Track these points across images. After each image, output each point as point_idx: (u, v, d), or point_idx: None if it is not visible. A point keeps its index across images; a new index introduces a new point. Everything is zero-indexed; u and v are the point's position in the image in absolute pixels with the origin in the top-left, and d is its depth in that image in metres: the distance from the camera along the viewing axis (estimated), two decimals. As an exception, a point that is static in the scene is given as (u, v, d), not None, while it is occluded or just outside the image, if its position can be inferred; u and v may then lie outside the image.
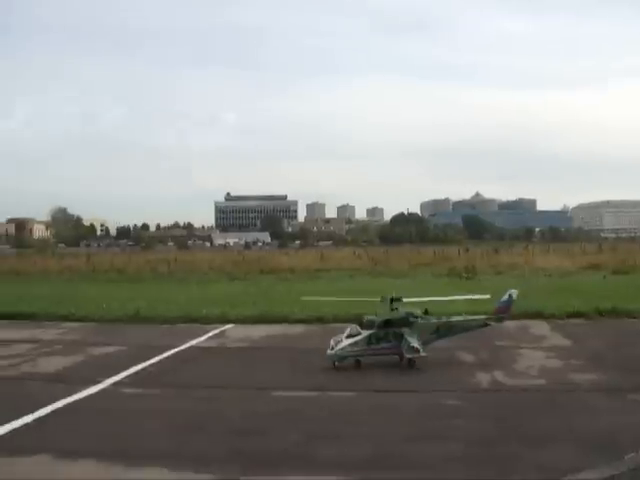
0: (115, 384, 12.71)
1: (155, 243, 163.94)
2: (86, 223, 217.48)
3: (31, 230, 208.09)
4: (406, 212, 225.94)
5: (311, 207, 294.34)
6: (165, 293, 30.01)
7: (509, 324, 19.25)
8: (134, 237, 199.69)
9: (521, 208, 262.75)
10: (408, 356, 13.41)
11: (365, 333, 13.53)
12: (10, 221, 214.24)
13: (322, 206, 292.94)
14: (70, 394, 11.69)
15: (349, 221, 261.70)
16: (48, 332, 19.77)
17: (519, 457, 8.18)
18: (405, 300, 14.29)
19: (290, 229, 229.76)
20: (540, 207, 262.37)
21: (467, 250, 64.19)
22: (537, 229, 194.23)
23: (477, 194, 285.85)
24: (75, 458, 8.43)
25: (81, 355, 15.71)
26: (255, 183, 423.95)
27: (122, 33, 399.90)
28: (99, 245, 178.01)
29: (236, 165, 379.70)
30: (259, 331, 18.76)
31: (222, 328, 19.57)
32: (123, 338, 18.48)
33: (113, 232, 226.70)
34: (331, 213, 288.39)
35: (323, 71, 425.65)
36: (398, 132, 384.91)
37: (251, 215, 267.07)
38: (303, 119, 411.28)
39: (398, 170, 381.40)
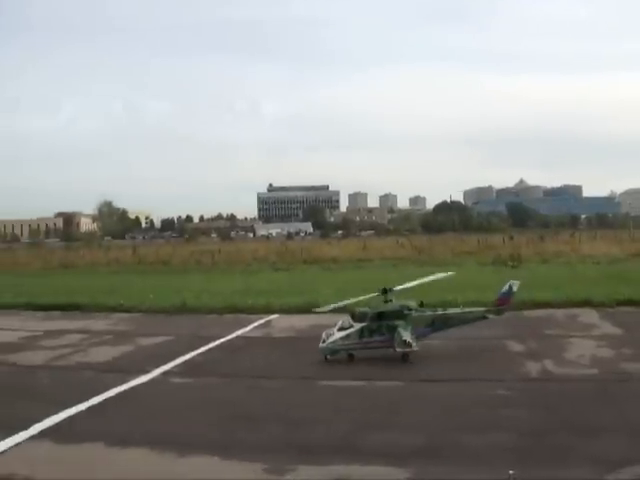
0: (164, 373, 12.90)
1: (198, 235, 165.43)
2: (131, 216, 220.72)
3: (78, 224, 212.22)
4: (449, 200, 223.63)
5: (353, 197, 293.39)
6: (210, 284, 30.28)
7: (557, 312, 19.08)
8: (178, 229, 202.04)
9: (566, 195, 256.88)
10: (399, 350, 13.00)
11: (357, 326, 13.29)
12: (58, 215, 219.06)
13: (364, 196, 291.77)
14: (121, 383, 11.92)
15: (391, 210, 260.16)
16: (98, 323, 20.17)
17: (571, 448, 8.02)
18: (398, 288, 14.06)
19: (332, 219, 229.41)
20: (586, 193, 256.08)
21: (512, 238, 63.15)
22: (583, 216, 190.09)
23: (521, 181, 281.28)
24: (128, 446, 8.59)
25: (130, 345, 15.96)
26: (297, 174, 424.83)
27: (163, 27, 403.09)
28: (144, 237, 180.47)
29: (278, 156, 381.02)
30: (304, 321, 18.76)
31: (267, 318, 19.68)
32: (171, 328, 18.73)
33: (158, 224, 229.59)
34: (373, 202, 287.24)
35: (365, 60, 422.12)
36: (440, 120, 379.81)
37: (293, 206, 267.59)
38: (346, 109, 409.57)
39: (440, 158, 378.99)
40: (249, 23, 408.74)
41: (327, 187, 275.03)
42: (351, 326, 13.33)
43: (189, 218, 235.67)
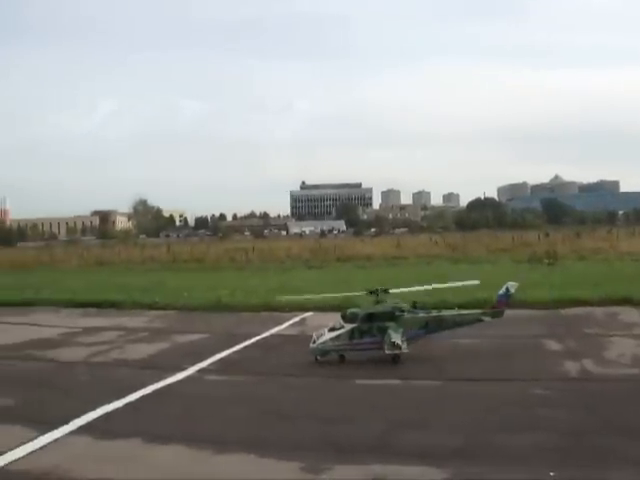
0: (200, 371, 12.96)
1: (232, 233, 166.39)
2: (166, 214, 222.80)
3: (114, 222, 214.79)
4: (482, 197, 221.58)
5: (386, 194, 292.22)
6: (244, 281, 30.40)
7: (596, 310, 18.74)
8: (212, 227, 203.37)
9: (603, 190, 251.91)
10: (388, 352, 12.61)
11: (348, 327, 13.04)
12: (94, 213, 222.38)
13: (397, 193, 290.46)
14: (157, 380, 12.02)
15: (424, 207, 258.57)
16: (134, 320, 20.40)
17: (612, 449, 7.84)
18: (392, 291, 13.72)
19: (365, 217, 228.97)
20: (623, 188, 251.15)
21: (547, 235, 62.42)
22: (621, 212, 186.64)
23: (556, 177, 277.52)
24: (165, 442, 8.65)
25: (166, 342, 16.09)
26: (330, 171, 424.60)
27: (197, 27, 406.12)
28: (178, 235, 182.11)
29: (311, 154, 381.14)
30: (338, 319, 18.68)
31: (302, 316, 19.67)
32: (206, 326, 18.85)
33: (192, 222, 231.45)
34: (406, 200, 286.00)
35: (396, 57, 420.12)
36: (473, 116, 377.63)
37: (326, 203, 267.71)
38: (379, 106, 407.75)
39: (474, 155, 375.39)
40: (280, 22, 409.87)
41: (360, 184, 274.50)
42: (342, 327, 13.13)
43: (222, 216, 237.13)
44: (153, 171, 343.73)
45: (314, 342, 13.10)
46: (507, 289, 13.32)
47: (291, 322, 18.73)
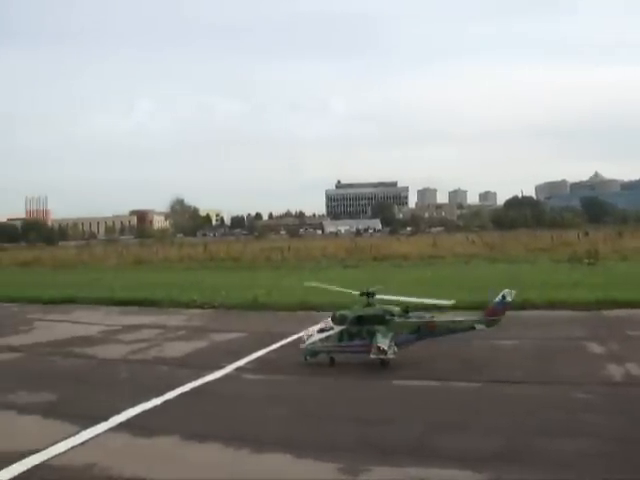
0: (238, 369, 13.00)
1: (268, 232, 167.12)
2: (202, 213, 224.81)
3: (151, 221, 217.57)
4: (520, 195, 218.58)
5: (422, 193, 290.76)
6: (280, 280, 30.45)
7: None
8: (248, 226, 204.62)
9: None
10: (372, 356, 12.26)
11: (337, 328, 12.85)
12: (132, 213, 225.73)
13: (433, 192, 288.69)
14: (195, 378, 12.08)
15: (461, 206, 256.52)
16: (172, 318, 20.57)
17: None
18: (378, 297, 13.36)
19: (401, 215, 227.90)
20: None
21: (587, 234, 61.22)
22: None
23: (596, 174, 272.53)
24: (202, 440, 8.68)
25: (204, 341, 16.17)
26: (365, 170, 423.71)
27: (230, 28, 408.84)
28: (214, 234, 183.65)
29: (347, 153, 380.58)
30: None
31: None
32: (243, 325, 18.92)
33: (228, 222, 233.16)
34: (442, 198, 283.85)
35: (432, 55, 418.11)
36: (511, 113, 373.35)
37: (362, 202, 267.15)
38: (413, 104, 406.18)
39: (511, 152, 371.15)
40: (316, 21, 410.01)
41: (396, 183, 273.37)
42: (331, 328, 12.97)
43: (258, 215, 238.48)
44: (190, 171, 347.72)
45: (303, 342, 13.03)
46: (503, 297, 12.73)
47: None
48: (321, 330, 13.13)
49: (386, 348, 12.19)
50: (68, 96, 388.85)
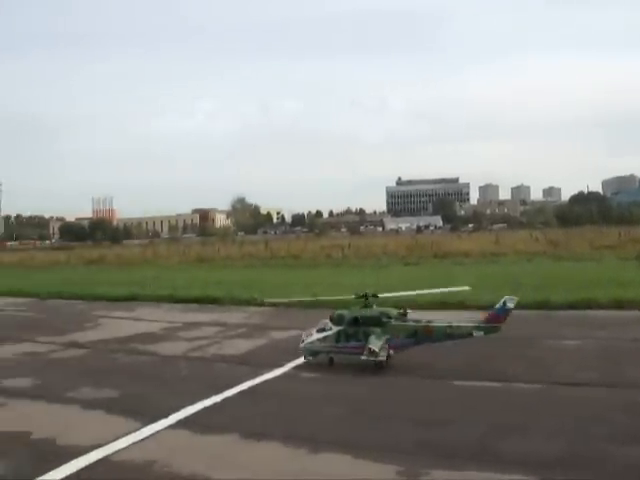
0: (296, 368, 12.98)
1: (328, 229, 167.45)
2: (263, 211, 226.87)
3: (213, 220, 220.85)
4: (586, 191, 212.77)
5: (483, 189, 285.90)
6: (340, 278, 30.38)
7: None
8: (308, 224, 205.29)
9: None
10: (363, 358, 12.07)
11: (335, 329, 12.77)
12: (195, 212, 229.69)
13: (495, 188, 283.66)
14: (254, 376, 12.13)
15: (524, 202, 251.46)
16: (233, 316, 20.74)
17: None
18: (381, 295, 13.32)
19: (462, 212, 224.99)
20: None
21: (657, 231, 59.08)
22: None
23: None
24: (260, 439, 8.68)
25: (264, 338, 16.24)
26: (426, 167, 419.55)
27: (291, 26, 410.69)
28: (275, 232, 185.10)
29: (407, 149, 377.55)
30: (437, 317, 18.27)
31: (400, 313, 19.29)
32: (303, 322, 18.84)
33: (289, 219, 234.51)
34: (505, 195, 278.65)
35: (492, 49, 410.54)
36: (574, 107, 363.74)
37: (422, 199, 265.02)
38: (473, 100, 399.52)
39: (576, 146, 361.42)
40: (374, 18, 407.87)
41: (457, 180, 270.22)
42: (330, 329, 12.90)
43: (319, 213, 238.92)
44: (251, 169, 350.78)
45: (302, 342, 13.04)
46: (504, 303, 12.21)
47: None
48: (320, 330, 13.12)
49: (377, 350, 12.07)
50: (132, 98, 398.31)
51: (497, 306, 12.40)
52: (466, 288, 14.78)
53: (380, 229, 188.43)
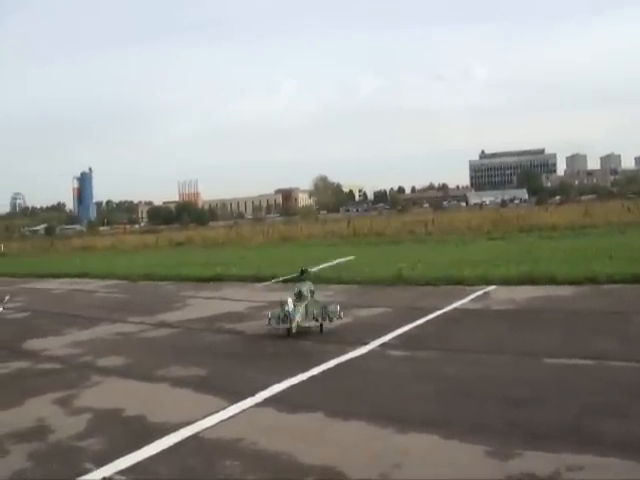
0: (382, 345, 12.83)
1: (410, 205, 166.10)
2: (345, 189, 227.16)
3: (296, 199, 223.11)
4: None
5: (571, 159, 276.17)
6: (424, 254, 30.07)
7: None
8: (390, 200, 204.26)
9: None
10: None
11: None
12: (277, 192, 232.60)
13: (583, 157, 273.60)
14: (340, 354, 12.07)
15: (614, 172, 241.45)
16: (317, 294, 20.70)
17: None
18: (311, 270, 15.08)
19: (549, 184, 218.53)
20: None
21: None
22: None
23: None
24: (346, 418, 8.61)
25: (348, 316, 16.15)
26: (510, 138, 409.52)
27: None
28: (357, 210, 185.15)
29: (490, 121, 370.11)
30: (525, 293, 17.81)
31: (485, 289, 18.94)
32: (387, 300, 18.77)
33: (370, 196, 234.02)
34: (593, 164, 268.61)
35: (576, 14, 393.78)
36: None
37: (507, 172, 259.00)
38: (558, 67, 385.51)
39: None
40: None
41: (542, 150, 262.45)
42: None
43: (401, 189, 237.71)
44: (333, 147, 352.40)
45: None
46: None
47: (474, 296, 18.09)
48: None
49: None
50: (215, 83, 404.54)
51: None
52: (351, 258, 17.06)
53: (464, 204, 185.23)
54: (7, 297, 25.09)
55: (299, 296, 14.42)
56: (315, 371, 11.05)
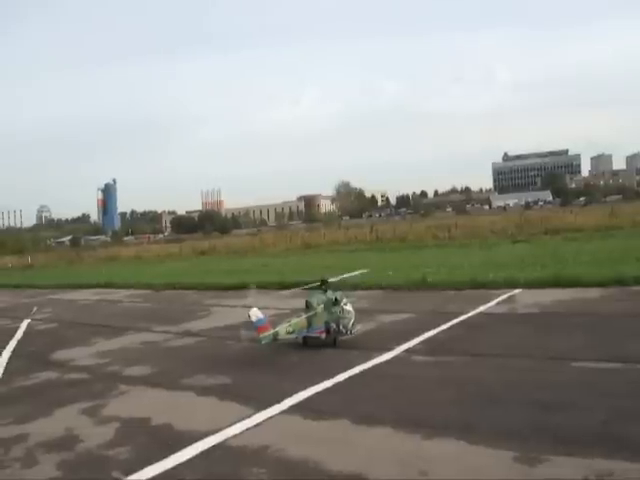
0: (407, 351, 12.78)
1: (433, 210, 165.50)
2: (367, 195, 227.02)
3: (318, 205, 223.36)
4: None
5: (595, 160, 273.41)
6: (447, 258, 29.93)
7: None
8: (413, 205, 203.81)
9: None
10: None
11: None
12: (300, 199, 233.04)
13: (608, 157, 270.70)
14: (364, 361, 12.03)
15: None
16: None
17: None
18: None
19: (573, 185, 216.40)
20: None
21: None
22: None
23: None
24: (372, 424, 8.58)
25: (372, 322, 16.14)
26: (533, 140, 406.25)
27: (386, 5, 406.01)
28: (380, 215, 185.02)
29: (513, 123, 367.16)
30: (550, 296, 17.64)
31: (510, 293, 18.80)
32: (411, 305, 18.69)
33: (393, 201, 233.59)
34: (619, 165, 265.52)
35: (596, 14, 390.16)
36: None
37: (530, 174, 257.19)
38: (579, 66, 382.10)
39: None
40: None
41: (566, 151, 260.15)
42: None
43: (423, 193, 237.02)
44: (355, 153, 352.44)
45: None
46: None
47: (499, 300, 17.94)
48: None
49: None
50: (235, 91, 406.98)
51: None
52: (365, 271, 16.34)
53: (487, 207, 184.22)
54: (35, 308, 25.48)
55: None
56: (340, 378, 11.03)
